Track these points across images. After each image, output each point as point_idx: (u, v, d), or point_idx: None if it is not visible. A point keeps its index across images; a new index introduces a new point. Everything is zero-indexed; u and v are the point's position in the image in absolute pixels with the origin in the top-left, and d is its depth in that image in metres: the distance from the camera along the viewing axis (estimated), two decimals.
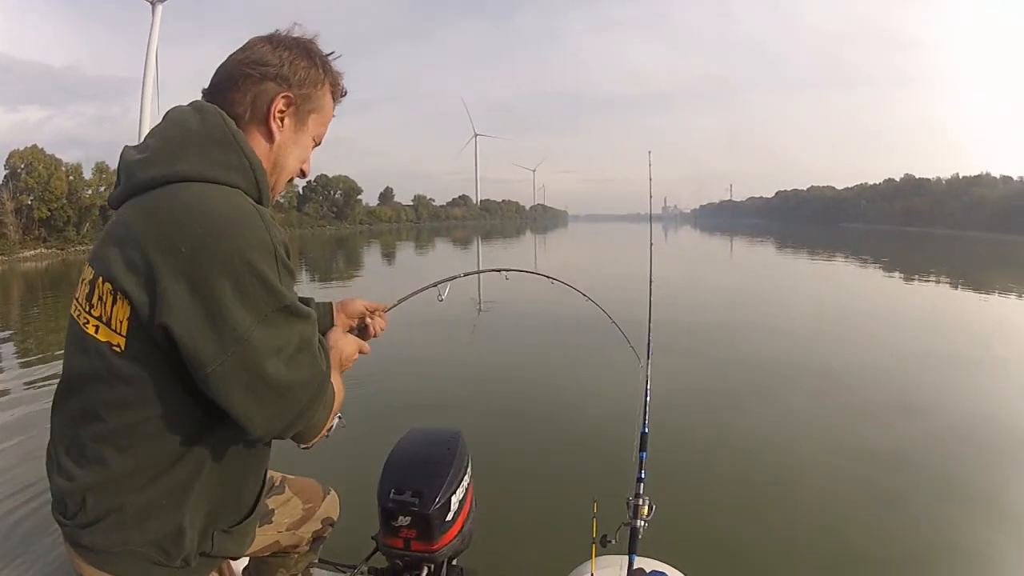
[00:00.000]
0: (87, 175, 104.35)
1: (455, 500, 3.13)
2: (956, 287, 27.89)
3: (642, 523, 3.21)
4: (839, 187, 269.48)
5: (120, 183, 1.80)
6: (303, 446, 1.95)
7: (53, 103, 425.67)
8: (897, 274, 33.65)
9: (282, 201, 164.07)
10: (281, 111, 1.89)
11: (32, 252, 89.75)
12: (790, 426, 7.88)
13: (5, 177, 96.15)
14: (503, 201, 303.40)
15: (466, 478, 3.29)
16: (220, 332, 1.56)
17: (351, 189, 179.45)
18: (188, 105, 1.85)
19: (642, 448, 3.50)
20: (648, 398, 3.74)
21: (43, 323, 20.89)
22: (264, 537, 2.44)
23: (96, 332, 1.68)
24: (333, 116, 2.09)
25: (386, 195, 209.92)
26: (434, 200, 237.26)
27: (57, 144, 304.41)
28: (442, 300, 3.25)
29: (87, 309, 1.72)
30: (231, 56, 1.92)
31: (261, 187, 1.80)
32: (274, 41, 1.93)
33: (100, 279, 1.68)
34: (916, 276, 32.72)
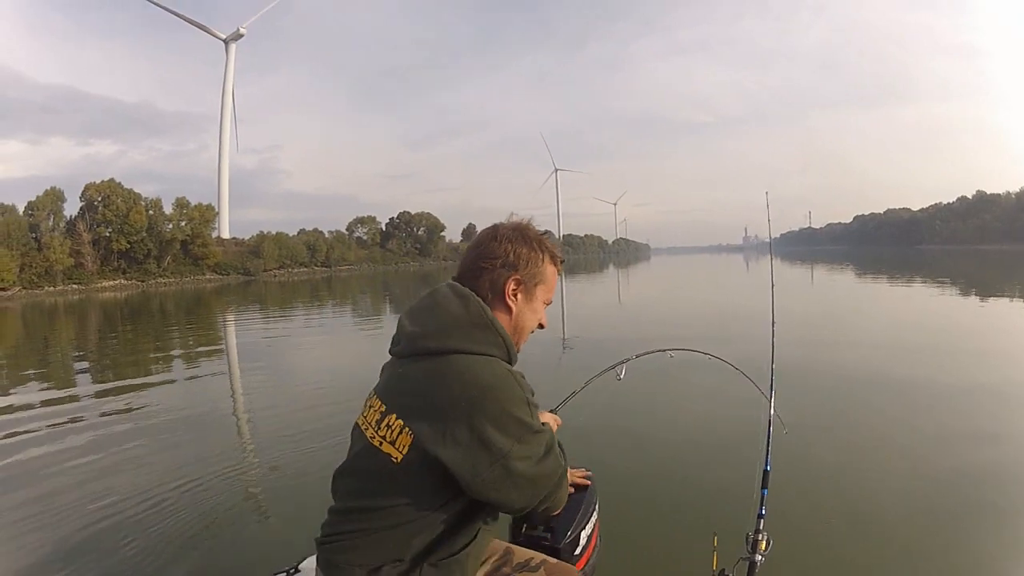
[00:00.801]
0: (167, 209, 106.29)
1: (584, 535, 3.19)
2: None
3: (760, 558, 3.29)
4: (914, 208, 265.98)
5: (400, 343, 2.52)
6: (549, 514, 2.67)
7: (126, 138, 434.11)
8: (974, 295, 33.05)
9: (365, 239, 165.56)
10: (514, 289, 2.55)
11: (111, 283, 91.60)
12: (911, 463, 7.37)
13: (81, 209, 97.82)
14: (585, 236, 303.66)
15: (594, 514, 3.35)
16: (492, 464, 2.23)
17: (434, 225, 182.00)
18: (450, 290, 2.52)
19: (764, 485, 3.59)
20: (771, 435, 3.82)
21: (120, 355, 21.13)
22: None
23: (380, 445, 2.35)
24: (559, 276, 2.75)
25: (469, 231, 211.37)
26: None
27: (131, 178, 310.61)
28: (620, 379, 3.92)
29: (376, 430, 2.39)
30: (468, 250, 2.67)
31: (511, 353, 2.47)
32: (498, 236, 2.60)
33: (393, 415, 2.36)
34: (993, 295, 32.02)
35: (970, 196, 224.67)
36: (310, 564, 3.51)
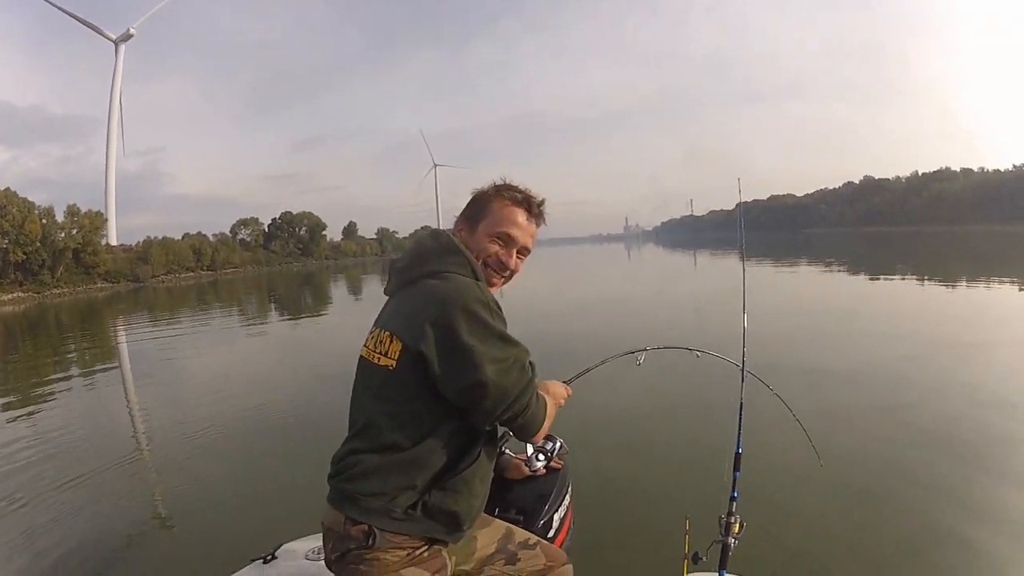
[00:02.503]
0: (59, 217, 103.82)
1: (556, 518, 3.25)
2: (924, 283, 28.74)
3: (733, 540, 3.32)
4: (799, 194, 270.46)
5: (391, 281, 2.88)
6: (529, 442, 3.04)
7: (19, 143, 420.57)
8: (862, 275, 33.95)
9: (249, 240, 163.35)
10: (460, 228, 2.94)
11: (9, 296, 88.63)
12: (873, 440, 7.75)
13: None
14: None
15: (567, 497, 3.40)
16: (455, 350, 2.43)
17: (316, 225, 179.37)
18: (426, 232, 2.96)
19: (736, 468, 3.61)
20: (742, 418, 3.78)
21: (23, 375, 20.42)
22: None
23: (378, 361, 2.61)
24: (518, 222, 2.93)
25: (350, 229, 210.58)
26: (397, 232, 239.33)
27: (24, 185, 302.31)
28: (640, 364, 3.98)
29: (373, 349, 2.67)
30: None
31: (476, 271, 2.72)
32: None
33: (385, 331, 2.63)
34: (881, 275, 33.62)
35: (857, 181, 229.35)
36: (290, 548, 3.58)
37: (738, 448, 3.68)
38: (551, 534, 3.19)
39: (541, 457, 3.31)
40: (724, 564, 3.33)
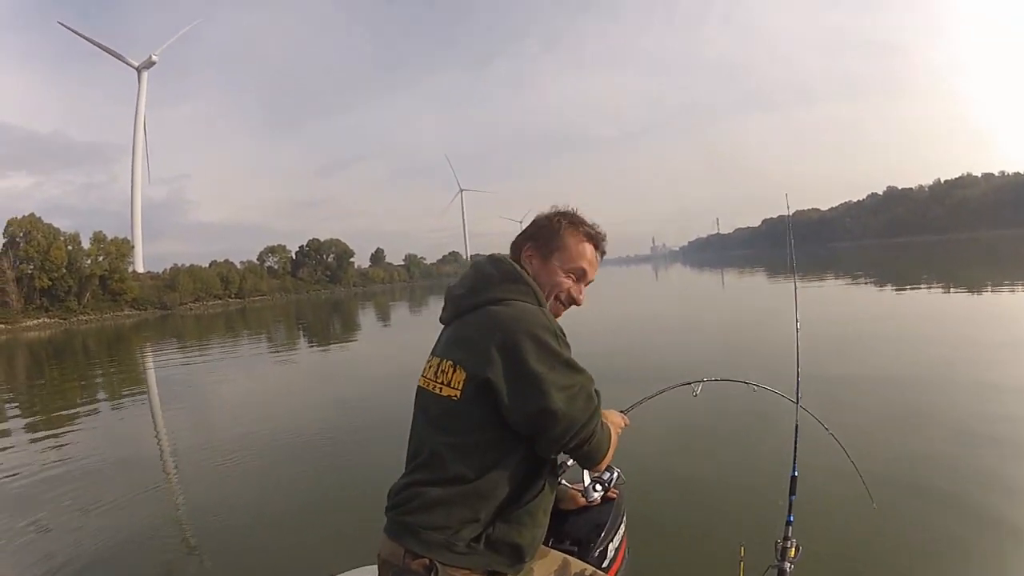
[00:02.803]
0: (84, 244, 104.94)
1: (611, 548, 3.15)
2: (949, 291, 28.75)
3: (790, 565, 3.26)
4: (824, 207, 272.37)
5: (448, 308, 2.81)
6: (592, 471, 2.92)
7: (42, 170, 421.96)
8: (890, 286, 33.82)
9: (276, 268, 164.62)
10: (529, 255, 2.87)
11: (35, 321, 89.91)
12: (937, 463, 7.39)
13: (4, 245, 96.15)
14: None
15: (622, 527, 3.31)
16: (523, 376, 2.38)
17: (344, 252, 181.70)
18: (485, 258, 2.85)
19: (792, 491, 3.57)
20: (797, 441, 3.76)
21: (48, 399, 20.55)
22: None
23: (440, 391, 2.54)
24: (589, 258, 2.94)
25: (377, 256, 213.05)
26: (425, 258, 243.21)
27: (47, 212, 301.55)
28: (696, 396, 3.92)
29: (434, 379, 2.60)
30: (523, 231, 2.99)
31: (540, 299, 2.70)
32: (536, 220, 2.97)
33: (446, 361, 2.57)
34: (909, 285, 33.29)
35: (880, 192, 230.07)
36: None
37: (794, 471, 3.63)
38: (605, 564, 3.08)
39: (599, 487, 3.25)
40: None
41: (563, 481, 3.21)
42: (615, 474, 3.29)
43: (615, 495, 3.32)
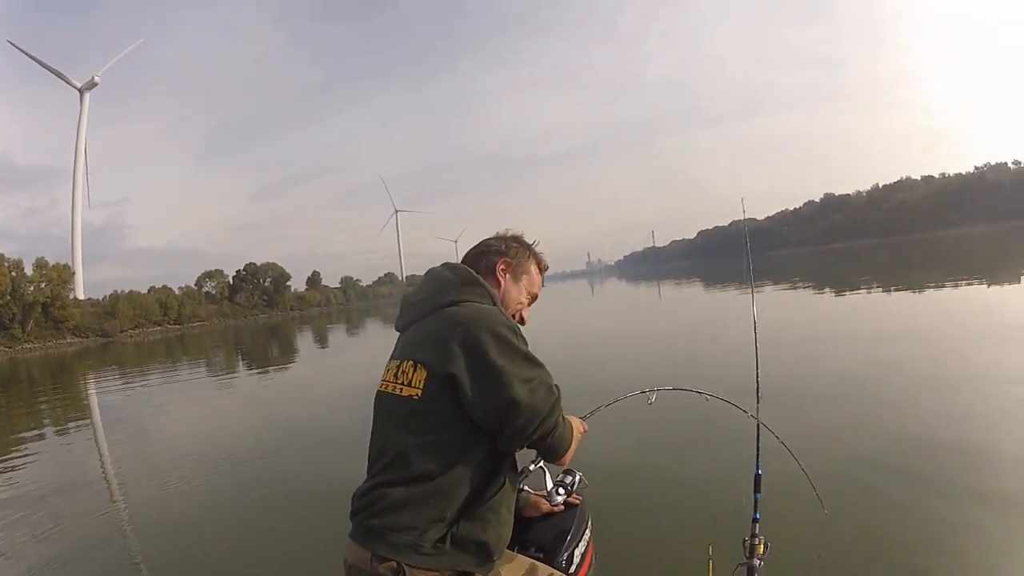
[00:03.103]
0: (27, 270, 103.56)
1: (577, 554, 3.17)
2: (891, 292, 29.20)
3: (759, 562, 3.33)
4: (760, 218, 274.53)
5: (404, 315, 2.92)
6: (556, 467, 2.99)
7: None
8: (828, 290, 34.33)
9: (214, 293, 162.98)
10: (503, 269, 3.04)
11: None
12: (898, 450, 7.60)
13: None
14: None
15: (587, 532, 3.33)
16: (486, 369, 2.49)
17: (280, 276, 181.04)
18: (441, 266, 2.97)
19: (757, 490, 3.65)
20: (760, 440, 3.83)
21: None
22: None
23: (401, 392, 2.62)
24: (542, 287, 3.26)
25: (314, 279, 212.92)
26: (361, 280, 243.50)
27: None
28: (651, 404, 3.95)
29: (394, 381, 2.68)
30: (477, 246, 3.16)
31: (496, 303, 2.82)
32: (496, 235, 3.19)
33: (406, 362, 2.66)
34: (846, 290, 33.76)
35: (818, 200, 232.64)
36: None
37: (757, 470, 3.74)
38: (572, 570, 3.12)
39: (561, 491, 3.27)
40: None
41: (525, 487, 3.25)
42: (577, 477, 3.34)
43: (578, 501, 3.35)
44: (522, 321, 3.10)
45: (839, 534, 5.49)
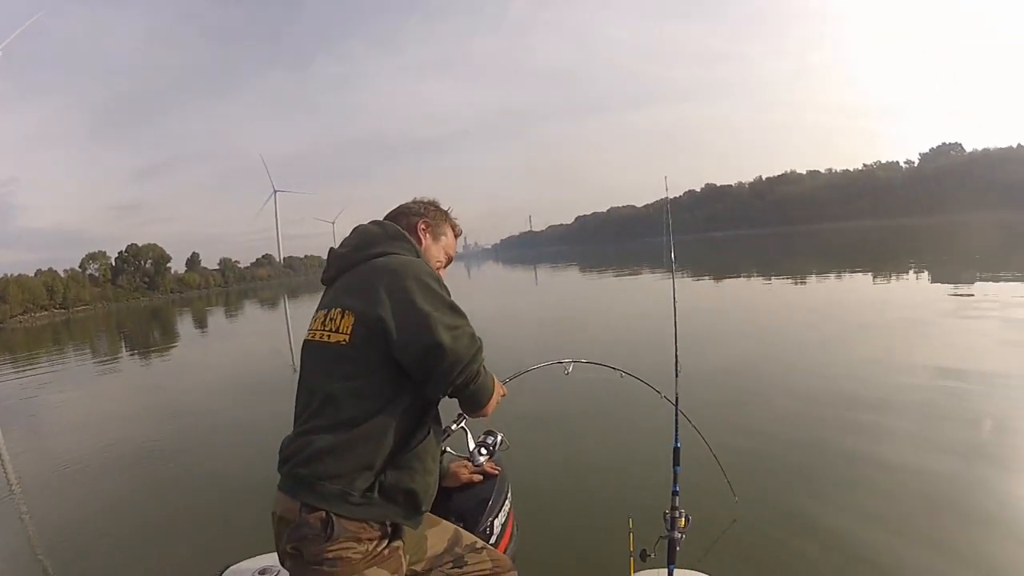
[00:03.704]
0: None
1: (498, 524, 3.23)
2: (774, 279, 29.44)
3: (680, 535, 3.40)
4: (639, 205, 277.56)
5: (331, 267, 2.94)
6: (477, 415, 2.84)
7: None
8: (707, 277, 34.88)
9: (97, 275, 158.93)
10: (423, 228, 3.14)
11: None
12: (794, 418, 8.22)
13: None
14: (305, 256, 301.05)
15: (507, 502, 3.38)
16: (412, 313, 2.52)
17: (160, 258, 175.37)
18: (369, 223, 3.03)
19: (676, 463, 3.70)
20: (678, 414, 3.91)
21: None
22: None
23: (329, 338, 2.65)
24: (455, 252, 3.35)
25: (193, 260, 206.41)
26: (239, 262, 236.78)
27: None
28: (568, 374, 4.05)
29: (322, 329, 2.71)
30: (396, 208, 3.25)
31: (420, 255, 2.93)
32: (414, 199, 3.29)
33: (334, 309, 2.69)
34: (728, 276, 34.79)
35: (699, 189, 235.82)
36: (237, 569, 3.61)
37: (676, 442, 3.80)
38: (493, 540, 3.16)
39: (484, 451, 3.32)
40: (672, 559, 3.39)
41: (448, 448, 3.31)
42: (499, 438, 3.40)
43: (497, 471, 3.39)
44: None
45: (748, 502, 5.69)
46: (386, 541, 2.56)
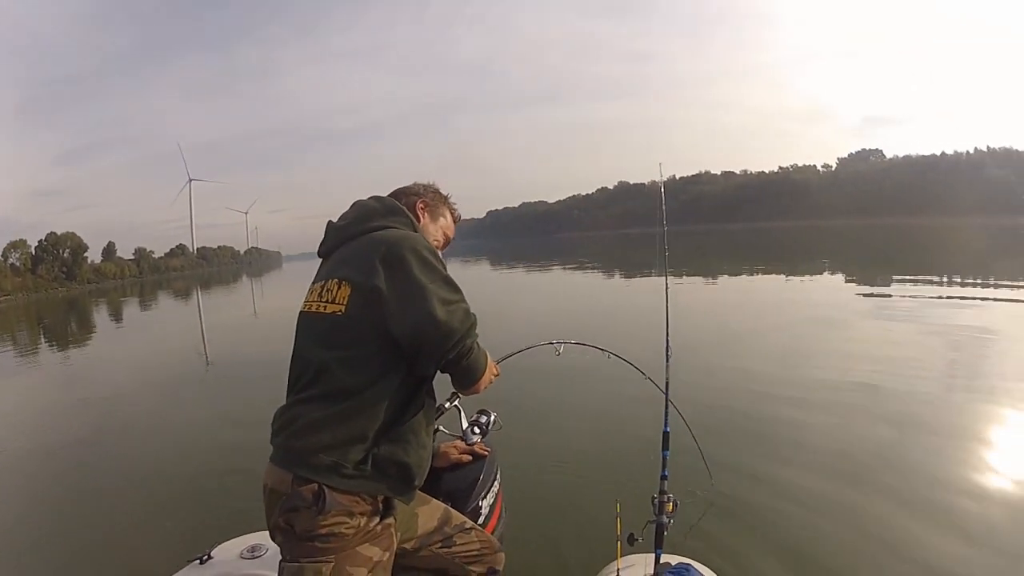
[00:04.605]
0: None
1: (486, 505, 3.24)
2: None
3: (667, 520, 3.42)
4: (551, 201, 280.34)
5: (328, 239, 2.94)
6: (470, 391, 2.84)
7: None
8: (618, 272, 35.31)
9: (18, 264, 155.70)
10: (422, 207, 3.16)
11: None
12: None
13: None
14: (218, 247, 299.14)
15: (496, 483, 3.39)
16: (408, 284, 2.51)
17: (78, 247, 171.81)
18: (368, 198, 3.02)
19: (665, 447, 3.73)
20: (668, 397, 3.92)
21: None
22: (438, 558, 2.98)
23: (325, 309, 2.64)
24: (453, 235, 3.41)
25: (109, 250, 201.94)
26: (154, 252, 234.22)
27: None
28: (559, 355, 4.11)
29: (319, 300, 2.69)
30: (396, 189, 3.25)
31: (417, 229, 2.92)
32: (414, 183, 3.29)
33: (331, 280, 2.69)
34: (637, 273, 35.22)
35: (611, 187, 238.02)
36: (226, 547, 3.57)
37: (666, 427, 3.84)
38: (480, 521, 3.17)
39: (476, 430, 3.35)
40: (660, 543, 3.42)
41: (441, 427, 3.26)
42: (492, 417, 3.46)
43: (486, 452, 3.38)
44: None
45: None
46: (378, 517, 2.55)
